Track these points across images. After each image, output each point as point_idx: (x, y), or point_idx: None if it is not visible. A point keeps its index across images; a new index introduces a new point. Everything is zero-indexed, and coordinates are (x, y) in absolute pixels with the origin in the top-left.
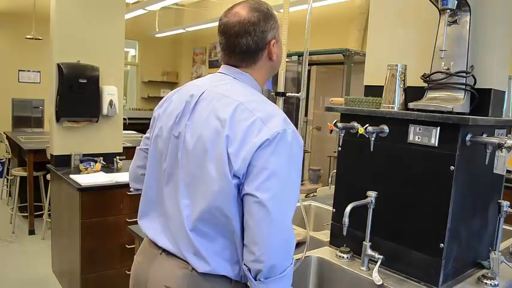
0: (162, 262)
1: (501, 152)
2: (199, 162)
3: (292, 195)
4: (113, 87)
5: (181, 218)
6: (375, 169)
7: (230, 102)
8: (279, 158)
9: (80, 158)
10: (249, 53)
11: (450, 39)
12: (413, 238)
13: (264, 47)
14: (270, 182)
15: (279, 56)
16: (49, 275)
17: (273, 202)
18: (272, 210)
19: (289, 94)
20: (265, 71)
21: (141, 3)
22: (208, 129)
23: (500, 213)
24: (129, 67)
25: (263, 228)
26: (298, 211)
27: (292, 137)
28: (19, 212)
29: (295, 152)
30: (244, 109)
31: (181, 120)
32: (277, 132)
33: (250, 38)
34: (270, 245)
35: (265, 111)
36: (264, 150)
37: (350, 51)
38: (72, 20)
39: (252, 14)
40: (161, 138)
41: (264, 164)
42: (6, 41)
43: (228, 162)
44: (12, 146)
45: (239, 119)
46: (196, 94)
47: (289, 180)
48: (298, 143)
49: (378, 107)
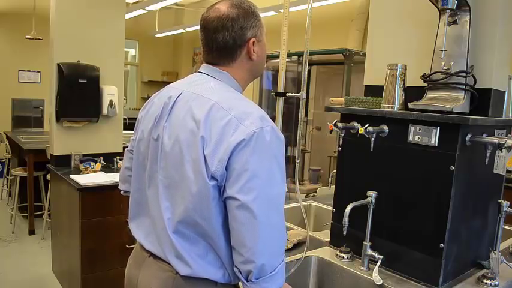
0: (149, 265)
1: (501, 152)
2: (177, 165)
3: (276, 194)
4: (113, 87)
5: (163, 220)
6: (375, 169)
7: (205, 102)
8: (258, 158)
9: (80, 158)
10: (226, 49)
11: (450, 39)
12: (414, 238)
13: (242, 44)
14: (252, 183)
15: (260, 56)
16: (49, 275)
17: (257, 203)
18: (257, 211)
19: (289, 94)
20: (245, 70)
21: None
22: (185, 131)
23: (500, 213)
24: (129, 67)
25: (249, 230)
26: (298, 211)
27: (271, 134)
28: (19, 212)
29: (276, 149)
30: (219, 108)
31: (159, 122)
32: (254, 132)
33: (227, 33)
34: (258, 245)
35: (240, 109)
36: (243, 151)
37: (350, 51)
38: (72, 20)
39: (232, 10)
40: (142, 141)
41: (243, 166)
42: (6, 41)
43: (204, 163)
44: (12, 146)
45: (214, 118)
46: (174, 96)
47: (272, 178)
48: (277, 140)
49: (378, 107)
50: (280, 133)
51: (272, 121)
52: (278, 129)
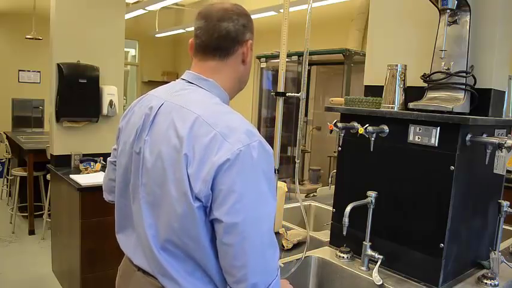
0: (138, 280)
1: (501, 152)
2: (160, 182)
3: (266, 210)
4: (113, 87)
5: (148, 238)
6: (375, 169)
7: (188, 116)
8: (245, 178)
9: (80, 158)
10: (227, 39)
11: (450, 39)
12: (413, 238)
13: (241, 41)
14: (240, 204)
15: (249, 64)
16: (49, 274)
17: (246, 224)
18: (247, 233)
19: (289, 94)
20: (234, 75)
21: (141, 3)
22: (167, 146)
23: (500, 213)
24: (129, 67)
25: (239, 251)
26: (298, 211)
27: (258, 151)
28: (19, 212)
29: (264, 165)
30: (203, 123)
31: (141, 134)
32: (240, 150)
33: (232, 24)
34: (249, 265)
35: (225, 124)
36: (228, 171)
37: (350, 51)
38: (72, 20)
39: (237, 7)
40: (123, 154)
41: (230, 187)
42: (6, 41)
43: (188, 184)
44: (12, 146)
45: (197, 134)
46: (155, 106)
47: (261, 197)
48: (265, 154)
49: (378, 107)
50: (268, 146)
51: (259, 134)
52: (265, 142)
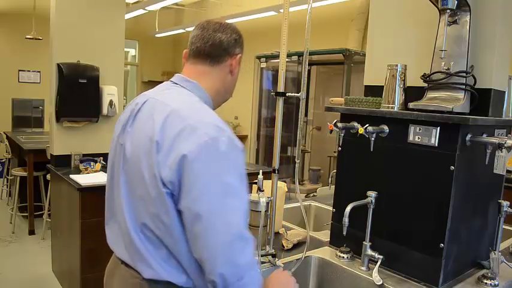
0: (120, 272)
1: (501, 152)
2: (136, 169)
3: (234, 202)
4: (113, 87)
5: (127, 224)
6: (375, 169)
7: (165, 109)
8: (211, 170)
9: (80, 158)
10: (218, 48)
11: (450, 39)
12: (413, 238)
13: (231, 53)
14: (204, 195)
15: (235, 76)
16: (49, 275)
17: (211, 215)
18: (212, 223)
19: (289, 94)
20: (220, 83)
21: (141, 3)
22: (144, 136)
23: (500, 213)
24: (129, 67)
25: (205, 242)
26: (298, 211)
27: (227, 145)
28: (19, 212)
29: (233, 159)
30: (177, 115)
31: (125, 128)
32: (206, 142)
33: (225, 36)
34: (216, 257)
35: (197, 119)
36: (195, 162)
37: (350, 51)
38: (72, 20)
39: (231, 24)
40: (112, 148)
41: (195, 177)
42: (6, 41)
43: (157, 169)
44: (12, 146)
45: (170, 125)
46: (140, 102)
47: (228, 188)
48: (235, 149)
49: (378, 107)
50: (238, 142)
51: (230, 131)
52: (237, 139)
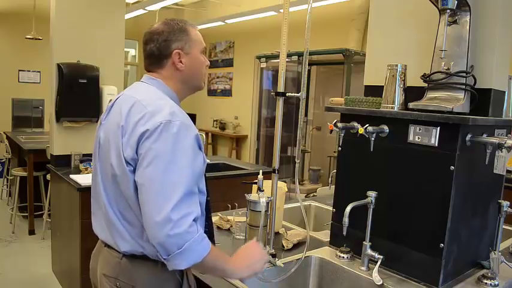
0: (104, 254)
1: (501, 152)
2: (106, 153)
3: (178, 178)
4: (113, 87)
5: (106, 208)
6: (375, 169)
7: (130, 100)
8: (160, 145)
9: (80, 158)
10: (152, 58)
11: (450, 39)
12: (413, 238)
13: (167, 55)
14: (151, 166)
15: (190, 68)
16: (49, 275)
17: (152, 184)
18: (152, 192)
19: (289, 94)
20: (177, 80)
21: (141, 3)
22: (113, 124)
23: (500, 213)
24: (129, 67)
25: (145, 210)
26: (298, 211)
27: (179, 127)
28: (19, 212)
29: (184, 140)
30: (139, 104)
31: (102, 122)
32: (160, 123)
33: (153, 44)
34: (153, 225)
35: (156, 107)
36: (148, 139)
37: (350, 51)
38: (72, 20)
39: (160, 26)
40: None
41: (146, 152)
42: (6, 41)
43: (122, 150)
44: (12, 146)
45: (133, 112)
46: (114, 98)
47: (174, 164)
48: (186, 131)
49: (378, 107)
50: (191, 128)
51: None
52: (191, 125)
